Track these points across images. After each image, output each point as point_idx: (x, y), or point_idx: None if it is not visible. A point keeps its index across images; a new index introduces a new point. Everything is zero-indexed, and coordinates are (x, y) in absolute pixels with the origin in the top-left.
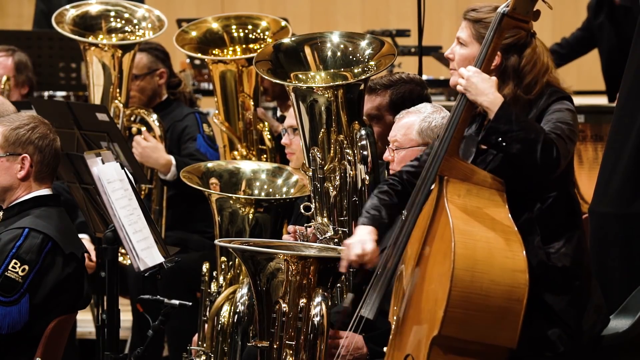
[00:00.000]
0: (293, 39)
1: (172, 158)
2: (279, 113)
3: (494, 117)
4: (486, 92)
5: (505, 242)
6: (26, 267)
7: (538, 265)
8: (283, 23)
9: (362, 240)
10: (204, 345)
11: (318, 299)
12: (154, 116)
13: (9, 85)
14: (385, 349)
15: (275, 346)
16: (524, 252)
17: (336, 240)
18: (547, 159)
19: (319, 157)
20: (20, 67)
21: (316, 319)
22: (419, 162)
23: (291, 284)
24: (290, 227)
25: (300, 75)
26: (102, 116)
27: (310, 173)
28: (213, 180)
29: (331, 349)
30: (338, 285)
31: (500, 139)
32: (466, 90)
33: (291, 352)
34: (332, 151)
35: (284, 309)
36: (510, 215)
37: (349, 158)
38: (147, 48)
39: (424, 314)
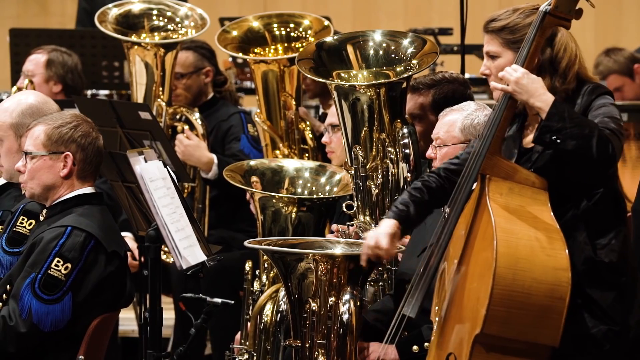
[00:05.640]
0: (335, 37)
1: (214, 157)
2: (321, 111)
3: (547, 116)
4: (537, 92)
5: (548, 240)
6: (69, 265)
7: (585, 261)
8: (325, 22)
9: (378, 234)
10: (247, 343)
11: (346, 297)
12: (197, 114)
13: (32, 88)
14: (414, 347)
15: (307, 345)
16: (567, 250)
17: None
18: (603, 154)
19: (361, 156)
20: (52, 64)
21: (345, 317)
22: (459, 159)
23: (321, 283)
24: (334, 226)
25: (343, 74)
26: (144, 115)
27: (353, 171)
28: (254, 178)
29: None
30: (371, 282)
31: (554, 137)
32: (515, 92)
33: (322, 350)
34: (374, 149)
35: (314, 308)
36: (552, 214)
37: (391, 156)
38: (193, 46)
39: (466, 313)
